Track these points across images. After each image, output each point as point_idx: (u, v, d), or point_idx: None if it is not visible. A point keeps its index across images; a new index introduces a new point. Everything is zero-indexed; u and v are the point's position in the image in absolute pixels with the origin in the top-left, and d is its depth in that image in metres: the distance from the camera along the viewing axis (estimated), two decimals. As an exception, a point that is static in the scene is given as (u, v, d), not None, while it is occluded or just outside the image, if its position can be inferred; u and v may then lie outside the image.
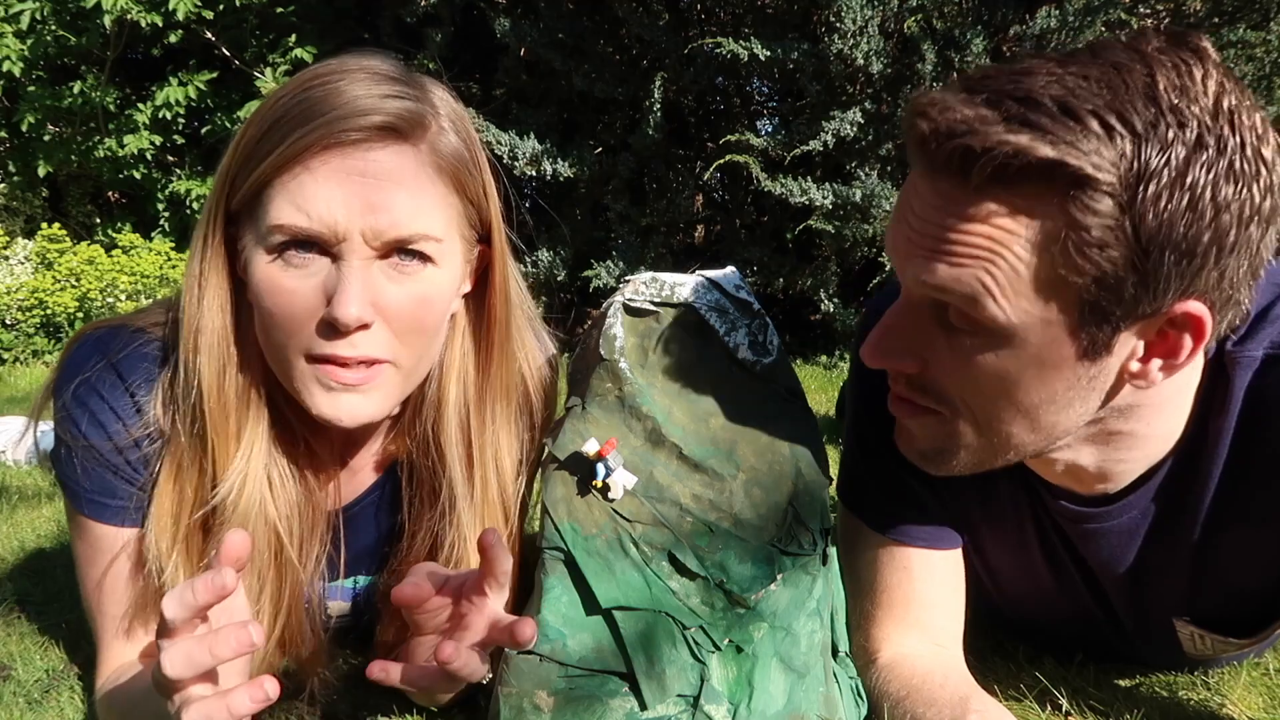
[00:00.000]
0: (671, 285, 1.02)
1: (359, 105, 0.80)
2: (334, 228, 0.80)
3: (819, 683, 0.94)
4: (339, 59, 0.86)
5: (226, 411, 0.89)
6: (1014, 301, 0.75)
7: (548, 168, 4.27)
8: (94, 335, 0.95)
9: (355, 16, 5.37)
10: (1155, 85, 0.71)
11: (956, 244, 0.76)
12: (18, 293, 4.45)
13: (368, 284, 0.82)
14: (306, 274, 0.82)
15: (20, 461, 2.30)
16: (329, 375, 0.84)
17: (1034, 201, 0.72)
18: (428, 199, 0.85)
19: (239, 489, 0.90)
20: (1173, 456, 0.91)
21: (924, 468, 0.92)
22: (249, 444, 0.91)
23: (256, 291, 0.84)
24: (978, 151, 0.71)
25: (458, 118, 0.89)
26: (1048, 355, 0.77)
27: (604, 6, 4.35)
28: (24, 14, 4.76)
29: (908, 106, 0.78)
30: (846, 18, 3.63)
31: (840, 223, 3.83)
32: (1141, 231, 0.70)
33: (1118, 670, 1.18)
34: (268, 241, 0.82)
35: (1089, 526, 0.97)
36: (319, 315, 0.82)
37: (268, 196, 0.82)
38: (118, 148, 5.10)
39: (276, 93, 0.85)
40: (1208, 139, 0.70)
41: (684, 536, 0.94)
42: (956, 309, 0.78)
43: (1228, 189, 0.71)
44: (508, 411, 1.01)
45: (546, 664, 0.90)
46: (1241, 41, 3.51)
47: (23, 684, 1.15)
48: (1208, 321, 0.75)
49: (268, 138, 0.81)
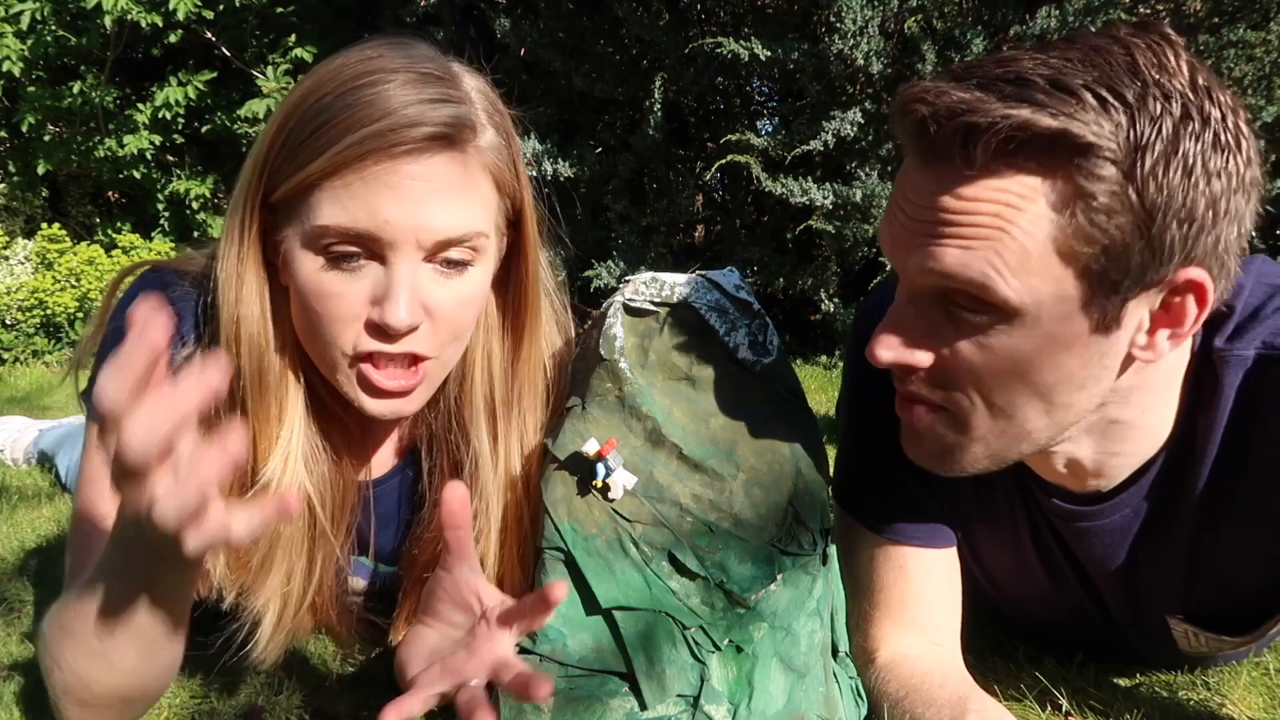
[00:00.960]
0: (671, 285, 1.02)
1: (409, 114, 0.81)
2: (385, 229, 0.81)
3: (819, 683, 0.93)
4: (376, 47, 0.86)
5: (267, 397, 0.91)
6: (1024, 279, 0.75)
7: (548, 168, 4.26)
8: (151, 273, 0.96)
9: (355, 16, 5.36)
10: (1136, 63, 0.73)
11: (962, 226, 0.75)
12: (18, 293, 4.44)
13: (416, 287, 0.84)
14: (354, 277, 0.83)
15: (20, 461, 2.29)
16: (374, 381, 0.86)
17: (1039, 174, 0.73)
18: (475, 199, 0.86)
19: (282, 468, 0.91)
20: (1163, 455, 0.91)
21: (936, 470, 0.90)
22: (290, 424, 0.92)
23: (301, 291, 0.85)
24: (981, 127, 0.72)
25: (493, 108, 0.90)
26: (1061, 332, 0.77)
27: (604, 6, 4.34)
28: (24, 14, 4.75)
29: (898, 99, 0.79)
30: (846, 18, 3.62)
31: (840, 223, 3.82)
32: (1145, 198, 0.72)
33: (1118, 670, 1.18)
34: (316, 243, 0.83)
35: (1081, 525, 0.97)
36: (365, 317, 0.84)
37: (315, 198, 0.82)
38: (117, 148, 5.09)
39: (316, 83, 0.84)
40: (1192, 111, 0.72)
41: (684, 536, 0.94)
42: (965, 294, 0.77)
43: (1216, 158, 0.73)
44: (534, 390, 1.03)
45: (546, 664, 0.90)
46: (1241, 41, 3.51)
47: (23, 684, 1.15)
48: (1209, 287, 0.76)
49: (315, 138, 0.81)
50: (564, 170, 4.29)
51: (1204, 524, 0.93)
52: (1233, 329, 0.87)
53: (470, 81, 0.89)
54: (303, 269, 0.85)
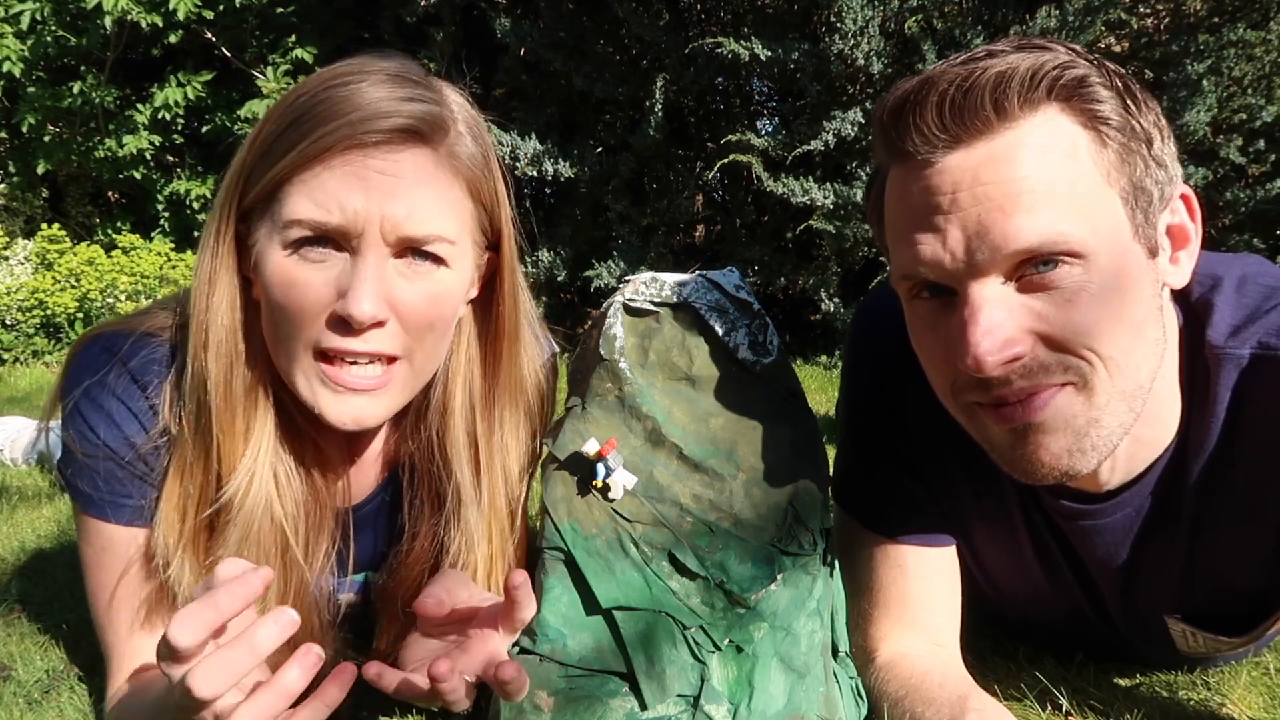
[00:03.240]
0: (671, 285, 1.02)
1: (380, 107, 0.81)
2: (353, 220, 0.81)
3: (819, 683, 0.93)
4: (358, 59, 0.86)
5: (234, 409, 0.90)
6: (1089, 221, 0.77)
7: (548, 168, 4.27)
8: (102, 338, 0.94)
9: (355, 16, 5.37)
10: (1070, 46, 0.82)
11: (1021, 188, 0.76)
12: (18, 293, 4.45)
13: (382, 280, 0.83)
14: (321, 268, 0.83)
15: (19, 461, 2.29)
16: (336, 379, 0.85)
17: (1062, 113, 0.78)
18: (444, 201, 0.85)
19: (246, 487, 0.90)
20: (1167, 453, 0.91)
21: (1071, 470, 0.83)
22: (256, 442, 0.91)
23: (268, 285, 0.84)
24: (1007, 74, 0.77)
25: (474, 124, 0.89)
26: (1129, 265, 0.80)
27: (604, 6, 4.34)
28: (24, 14, 4.76)
29: (892, 102, 0.81)
30: (847, 18, 3.63)
31: (841, 223, 3.83)
32: (1142, 121, 0.80)
33: (1118, 670, 1.18)
34: (285, 235, 0.82)
35: (1085, 524, 0.97)
36: (330, 310, 0.83)
37: (285, 193, 0.82)
38: (117, 148, 5.09)
39: (295, 90, 0.85)
40: (1115, 72, 0.82)
41: (684, 536, 0.94)
42: (1042, 257, 0.76)
43: (1150, 102, 0.83)
44: (515, 417, 1.02)
45: (546, 664, 0.90)
46: (1241, 41, 3.51)
47: (23, 684, 1.15)
48: (1194, 201, 0.85)
49: (287, 135, 0.82)
50: (564, 170, 4.29)
51: (1201, 523, 0.93)
52: (1229, 329, 0.87)
53: (453, 95, 0.89)
54: (272, 262, 0.84)
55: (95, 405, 0.91)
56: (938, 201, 0.79)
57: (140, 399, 0.91)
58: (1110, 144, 0.79)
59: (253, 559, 0.90)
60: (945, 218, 0.78)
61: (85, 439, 0.91)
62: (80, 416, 0.91)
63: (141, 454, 0.91)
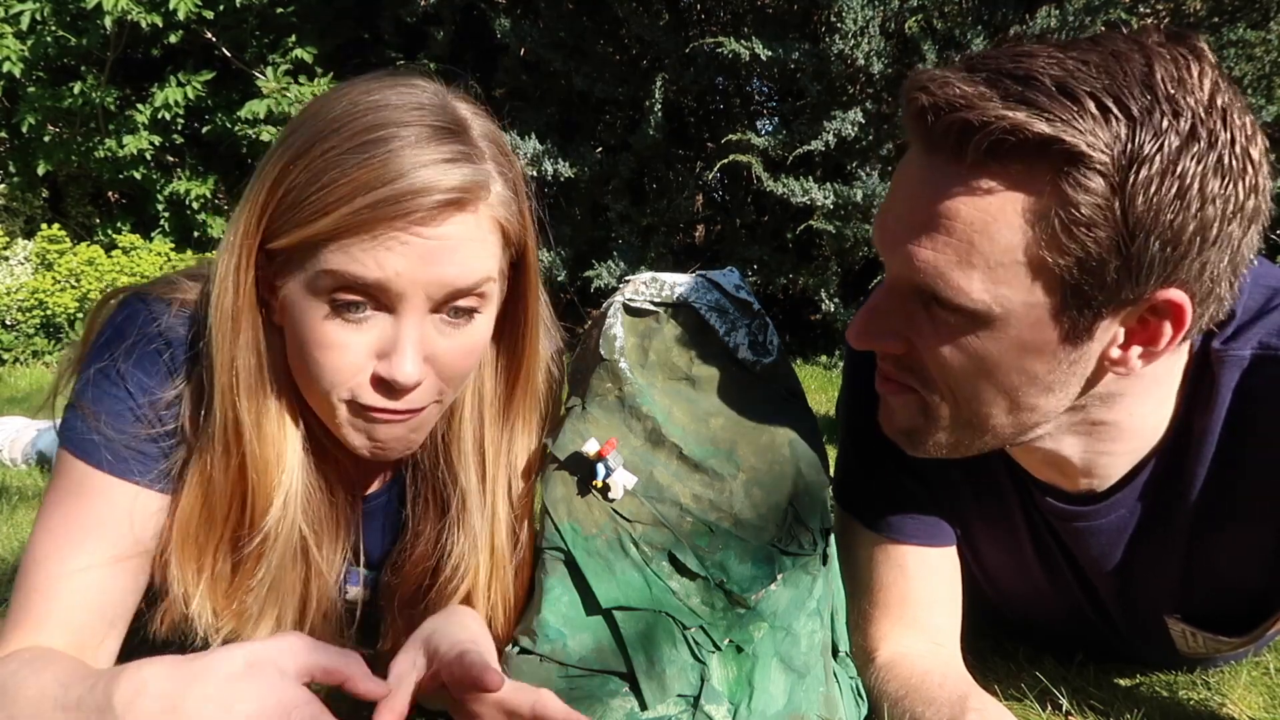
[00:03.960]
0: (671, 285, 1.02)
1: (422, 178, 0.78)
2: (394, 281, 0.79)
3: (819, 683, 0.93)
4: (382, 89, 0.83)
5: (266, 444, 0.89)
6: (993, 287, 0.76)
7: (548, 168, 4.27)
8: (135, 297, 0.92)
9: (355, 16, 5.36)
10: (1153, 74, 0.72)
11: (944, 224, 0.76)
12: (18, 293, 4.45)
13: (424, 342, 0.83)
14: (360, 329, 0.82)
15: (19, 461, 2.29)
16: (373, 433, 0.87)
17: (1026, 178, 0.73)
18: (485, 253, 0.85)
19: (281, 514, 0.90)
20: (1158, 454, 0.91)
21: (903, 446, 0.93)
22: (290, 468, 0.90)
23: (302, 339, 0.83)
24: (975, 126, 0.72)
25: (502, 156, 0.87)
26: (1029, 338, 0.78)
27: (604, 6, 4.34)
28: (24, 14, 4.76)
29: (908, 81, 0.78)
30: (847, 18, 3.63)
31: (841, 223, 3.83)
32: (1130, 214, 0.71)
33: (1118, 670, 1.18)
34: (321, 290, 0.81)
35: (1078, 525, 0.97)
36: (369, 369, 0.83)
37: (323, 253, 0.80)
38: (117, 148, 5.09)
39: (320, 125, 0.81)
40: (1200, 131, 0.71)
41: (684, 536, 0.94)
42: (936, 294, 0.79)
43: (1215, 182, 0.71)
44: (529, 426, 1.02)
45: (546, 664, 0.90)
46: (1241, 41, 3.51)
47: (23, 684, 1.14)
48: (1188, 310, 0.76)
49: (320, 194, 0.78)
50: (564, 170, 4.29)
51: (1201, 524, 0.93)
52: (1231, 330, 0.87)
53: (478, 127, 0.86)
54: (305, 316, 0.82)
55: (128, 354, 0.88)
56: (897, 193, 0.82)
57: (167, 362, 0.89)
58: (1058, 228, 0.72)
59: (283, 580, 0.93)
60: (895, 212, 0.82)
61: (111, 385, 0.88)
62: (113, 363, 0.88)
63: (160, 414, 0.89)
